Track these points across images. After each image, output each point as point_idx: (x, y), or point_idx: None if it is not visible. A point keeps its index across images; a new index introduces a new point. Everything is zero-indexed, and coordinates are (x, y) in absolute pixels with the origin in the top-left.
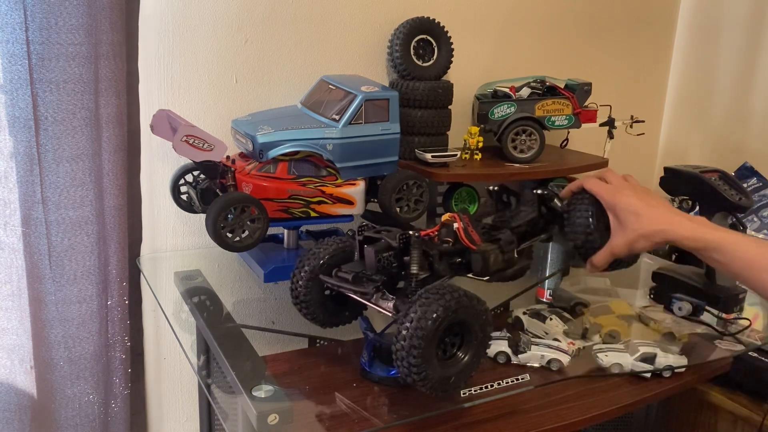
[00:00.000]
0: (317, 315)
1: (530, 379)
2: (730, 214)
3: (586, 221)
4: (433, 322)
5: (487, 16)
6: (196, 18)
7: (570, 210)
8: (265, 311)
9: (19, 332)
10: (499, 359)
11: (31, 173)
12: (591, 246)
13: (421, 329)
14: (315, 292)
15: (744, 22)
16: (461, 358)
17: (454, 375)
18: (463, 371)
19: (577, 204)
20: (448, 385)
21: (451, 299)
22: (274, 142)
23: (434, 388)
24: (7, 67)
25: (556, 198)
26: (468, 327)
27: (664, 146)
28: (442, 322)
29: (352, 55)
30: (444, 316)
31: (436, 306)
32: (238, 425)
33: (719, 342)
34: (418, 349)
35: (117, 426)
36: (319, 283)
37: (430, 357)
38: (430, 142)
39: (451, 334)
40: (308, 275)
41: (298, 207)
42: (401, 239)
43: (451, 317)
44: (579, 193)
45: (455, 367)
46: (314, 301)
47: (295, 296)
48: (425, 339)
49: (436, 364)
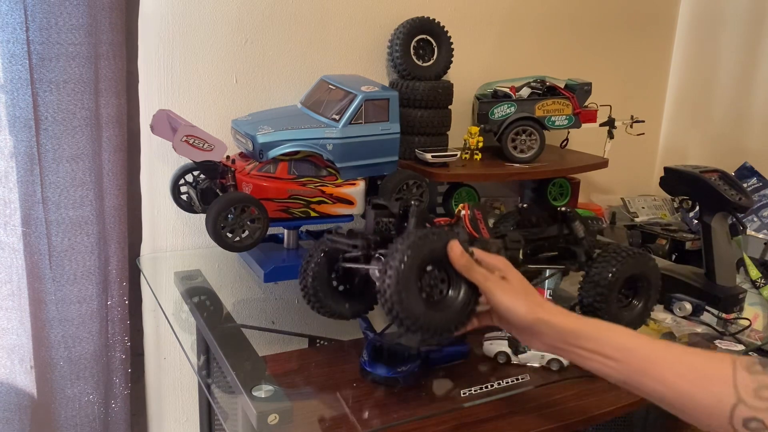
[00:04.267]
0: (326, 305)
1: (530, 379)
2: (730, 214)
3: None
4: (409, 257)
5: (487, 16)
6: (196, 18)
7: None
8: (265, 311)
9: (19, 332)
10: (499, 359)
11: (31, 173)
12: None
13: (395, 268)
14: (324, 283)
15: (744, 22)
16: (449, 300)
17: (442, 317)
18: (456, 313)
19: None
20: (437, 328)
21: (423, 236)
22: (274, 142)
23: (422, 327)
24: (7, 67)
25: (578, 221)
26: (450, 270)
27: (664, 146)
28: (417, 255)
29: (352, 55)
30: (419, 249)
31: (408, 241)
32: (238, 425)
33: (719, 342)
34: (397, 286)
35: (117, 426)
36: (328, 276)
37: (413, 296)
38: (430, 142)
39: (436, 277)
40: (318, 263)
41: (298, 207)
42: (402, 207)
43: (426, 251)
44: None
45: (442, 310)
46: (323, 291)
47: (304, 285)
48: (402, 278)
49: (420, 302)
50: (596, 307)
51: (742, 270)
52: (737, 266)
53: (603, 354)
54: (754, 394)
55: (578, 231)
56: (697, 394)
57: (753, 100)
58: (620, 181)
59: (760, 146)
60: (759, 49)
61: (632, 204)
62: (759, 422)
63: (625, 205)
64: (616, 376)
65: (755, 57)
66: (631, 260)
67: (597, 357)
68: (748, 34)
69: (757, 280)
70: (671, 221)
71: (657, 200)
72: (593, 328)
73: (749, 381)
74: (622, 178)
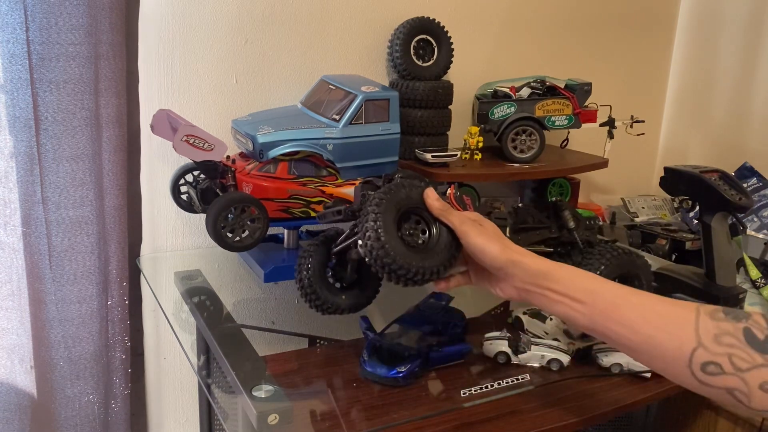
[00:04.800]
0: (322, 298)
1: (530, 379)
2: (730, 214)
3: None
4: (381, 211)
5: (487, 16)
6: (196, 18)
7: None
8: (265, 311)
9: (19, 332)
10: (499, 359)
11: (31, 173)
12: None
13: (374, 211)
14: (319, 277)
15: (744, 22)
16: (434, 242)
17: (431, 259)
18: (440, 255)
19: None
20: (424, 273)
21: (399, 185)
22: (274, 142)
23: (407, 271)
24: (7, 67)
25: (568, 210)
26: (424, 213)
27: (664, 146)
28: (392, 200)
29: (352, 55)
30: (393, 196)
31: (384, 190)
32: (238, 425)
33: None
34: (376, 230)
35: (117, 426)
36: (323, 270)
37: (393, 239)
38: (430, 142)
39: (415, 224)
40: (313, 258)
41: (298, 207)
42: (386, 178)
43: (402, 197)
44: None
45: (426, 255)
46: (319, 286)
47: (300, 281)
48: (381, 217)
49: (401, 247)
50: None
51: (742, 270)
52: (737, 266)
53: (571, 297)
54: (714, 339)
55: (568, 221)
56: (659, 338)
57: (753, 100)
58: (620, 181)
59: (760, 146)
60: (759, 49)
61: (632, 204)
62: (717, 366)
63: (625, 205)
64: (582, 320)
65: (755, 57)
66: (620, 259)
67: (565, 300)
68: (748, 34)
69: (757, 280)
70: (671, 221)
71: (657, 200)
72: (563, 271)
73: (711, 326)
74: (622, 178)
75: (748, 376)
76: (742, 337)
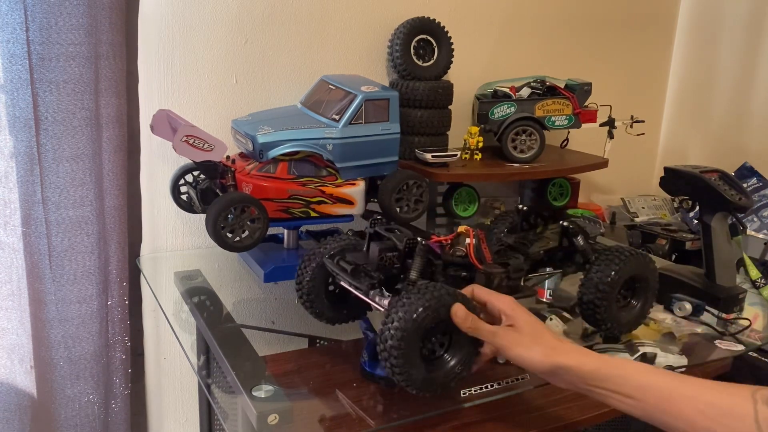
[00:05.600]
0: (321, 311)
1: (530, 379)
2: (730, 214)
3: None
4: (413, 321)
5: (487, 16)
6: (196, 18)
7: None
8: (265, 311)
9: (19, 332)
10: (499, 359)
11: (31, 173)
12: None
13: (401, 329)
14: (320, 286)
15: (744, 22)
16: (447, 360)
17: (440, 376)
18: (450, 373)
19: None
20: (434, 387)
21: (431, 298)
22: (274, 142)
23: (419, 388)
24: (7, 67)
25: (581, 235)
26: (453, 327)
27: (664, 146)
28: (423, 321)
29: (352, 55)
30: (425, 315)
31: (418, 304)
32: (238, 425)
33: (719, 342)
34: (399, 349)
35: (117, 426)
36: (324, 279)
37: (414, 357)
38: (430, 142)
39: (439, 334)
40: (314, 270)
41: (298, 207)
42: (408, 244)
43: (432, 316)
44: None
45: (441, 369)
46: (318, 297)
47: (300, 288)
48: (405, 339)
49: (420, 364)
50: (596, 305)
51: (742, 270)
52: (737, 266)
53: (622, 393)
54: None
55: (579, 243)
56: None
57: (753, 100)
58: (620, 181)
59: (760, 146)
60: (759, 49)
61: (632, 204)
62: None
63: (625, 205)
64: (637, 413)
65: (755, 57)
66: (633, 261)
67: (618, 396)
68: (748, 35)
69: (757, 280)
70: (671, 221)
71: (657, 200)
72: (611, 367)
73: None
74: (622, 178)
75: None
76: None
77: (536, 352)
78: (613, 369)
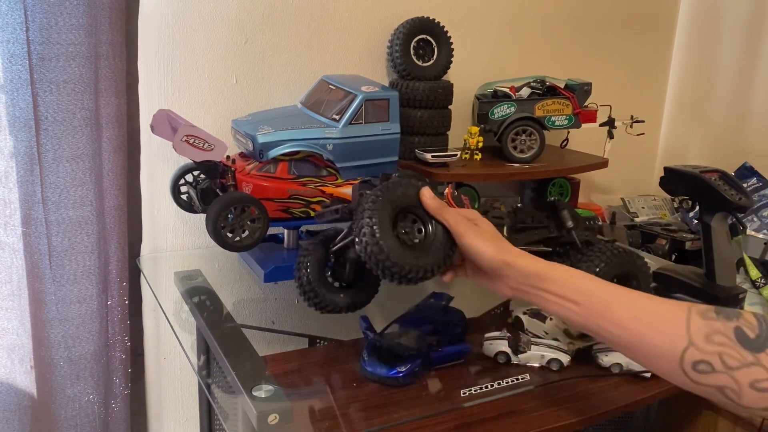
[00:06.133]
0: (322, 301)
1: (530, 379)
2: (730, 214)
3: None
4: (377, 208)
5: (487, 16)
6: (196, 18)
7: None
8: (265, 311)
9: (19, 332)
10: (499, 359)
11: (31, 173)
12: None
13: (369, 216)
14: (319, 277)
15: (744, 22)
16: (431, 240)
17: (426, 257)
18: (436, 254)
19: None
20: (420, 267)
21: (400, 182)
22: (274, 142)
23: (404, 270)
24: (7, 67)
25: (566, 210)
26: (419, 212)
27: (664, 146)
28: (394, 194)
29: (352, 55)
30: (395, 189)
31: (380, 187)
32: (238, 425)
33: None
34: (374, 227)
35: (117, 426)
36: (323, 270)
37: (389, 237)
38: (430, 142)
39: (410, 220)
40: (313, 257)
41: (299, 207)
42: (383, 177)
43: (401, 192)
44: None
45: (426, 251)
46: (318, 284)
47: (299, 278)
48: (379, 218)
49: (398, 245)
50: None
51: (742, 270)
52: (737, 266)
53: (565, 297)
54: (705, 338)
55: (566, 221)
56: (651, 336)
57: (753, 100)
58: (620, 181)
59: (760, 146)
60: (759, 49)
61: (632, 204)
62: (708, 364)
63: (625, 205)
64: (577, 319)
65: (755, 57)
66: (619, 259)
67: (559, 300)
68: (748, 35)
69: (757, 280)
70: (671, 221)
71: (657, 200)
72: (557, 271)
73: (702, 325)
74: (622, 178)
75: (739, 375)
76: (733, 336)
77: (490, 246)
78: (558, 272)
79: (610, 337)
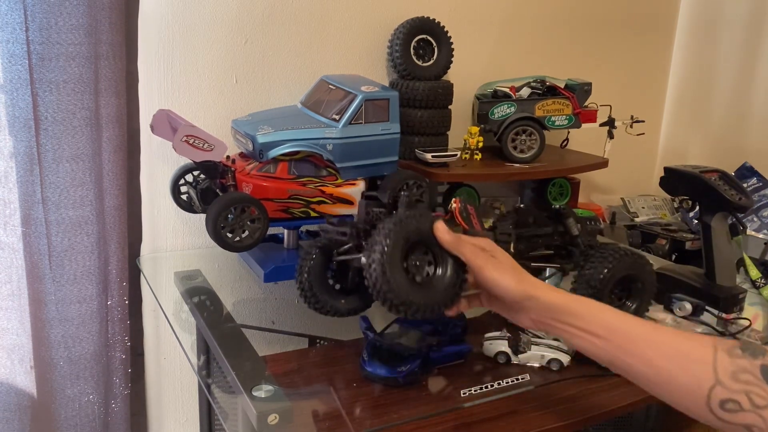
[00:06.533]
0: (323, 304)
1: (530, 379)
2: (730, 214)
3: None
4: (400, 224)
5: (487, 16)
6: (196, 18)
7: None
8: (265, 311)
9: (19, 332)
10: (499, 359)
11: (31, 173)
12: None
13: (387, 235)
14: (320, 279)
15: (743, 22)
16: (440, 278)
17: (433, 295)
18: (443, 292)
19: None
20: (425, 305)
21: (413, 215)
22: (274, 142)
23: (408, 307)
24: (7, 67)
25: (573, 218)
26: (432, 245)
27: (664, 146)
28: (407, 228)
29: (352, 55)
30: (409, 223)
31: (394, 221)
32: (238, 425)
33: None
34: (384, 263)
35: (117, 426)
36: (324, 272)
37: (398, 273)
38: (430, 142)
39: (421, 253)
40: (314, 260)
41: (298, 207)
42: (391, 196)
43: (414, 227)
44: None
45: (434, 288)
46: (320, 290)
47: (300, 282)
48: (390, 254)
49: (406, 282)
50: None
51: (742, 270)
52: (737, 266)
53: (589, 332)
54: (732, 377)
55: (572, 228)
56: (677, 374)
57: (753, 100)
58: (620, 181)
59: (760, 146)
60: (759, 49)
61: (632, 204)
62: (735, 403)
63: (625, 205)
64: (601, 354)
65: (755, 57)
66: (626, 261)
67: (583, 334)
68: (748, 35)
69: (757, 280)
70: (671, 221)
71: (657, 200)
72: (581, 305)
73: (728, 364)
74: (622, 178)
75: (766, 413)
76: (759, 374)
77: (511, 278)
78: (582, 307)
79: (635, 373)
